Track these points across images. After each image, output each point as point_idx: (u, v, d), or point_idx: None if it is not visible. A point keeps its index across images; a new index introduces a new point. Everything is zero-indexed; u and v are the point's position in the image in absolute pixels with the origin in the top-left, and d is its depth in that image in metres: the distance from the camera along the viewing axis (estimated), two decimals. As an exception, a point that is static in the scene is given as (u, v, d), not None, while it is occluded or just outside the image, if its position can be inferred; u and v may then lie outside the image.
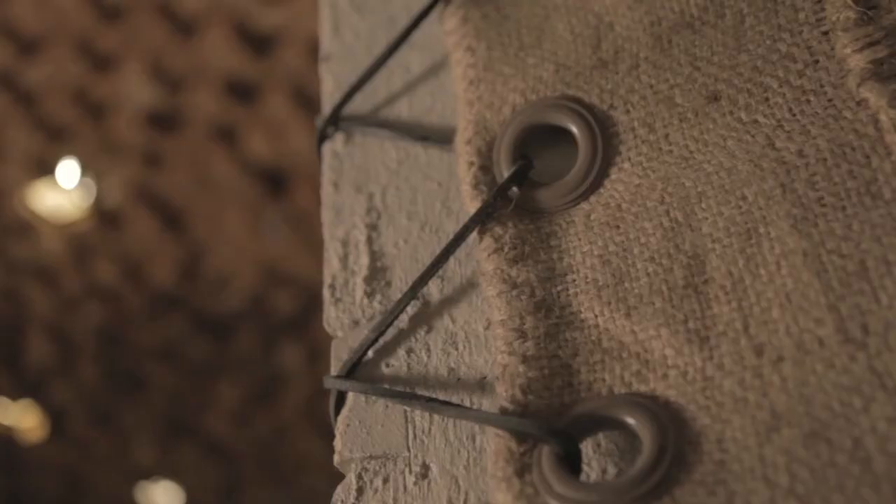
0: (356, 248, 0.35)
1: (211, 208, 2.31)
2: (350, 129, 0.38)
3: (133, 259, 2.43)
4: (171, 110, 2.06)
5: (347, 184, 0.37)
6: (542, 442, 0.27)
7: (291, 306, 2.69)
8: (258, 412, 3.30)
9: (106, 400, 3.03)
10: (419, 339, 0.32)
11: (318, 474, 3.69)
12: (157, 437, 3.30)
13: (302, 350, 2.88)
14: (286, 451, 3.55)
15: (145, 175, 2.20)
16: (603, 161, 0.32)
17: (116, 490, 3.75)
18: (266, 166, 2.21)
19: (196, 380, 3.05)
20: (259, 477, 3.76)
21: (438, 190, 0.35)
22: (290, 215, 2.33)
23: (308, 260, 2.50)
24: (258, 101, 2.06)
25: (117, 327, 2.65)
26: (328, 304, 0.34)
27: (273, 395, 3.21)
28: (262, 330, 2.80)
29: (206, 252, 2.44)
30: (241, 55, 1.93)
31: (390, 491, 0.29)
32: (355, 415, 0.31)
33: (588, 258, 0.30)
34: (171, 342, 2.76)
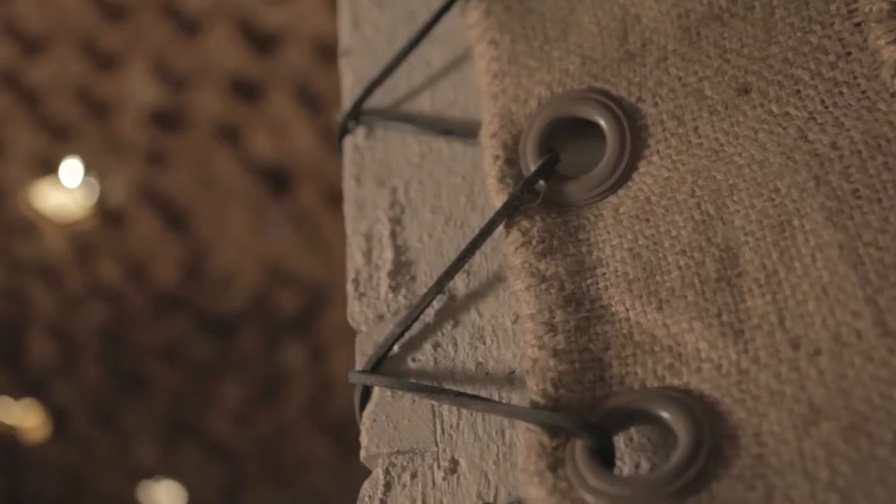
0: (380, 242, 0.35)
1: (214, 207, 2.31)
2: (371, 123, 0.38)
3: (136, 258, 2.43)
4: (175, 109, 2.06)
5: (369, 178, 0.37)
6: (574, 436, 0.26)
7: (294, 306, 2.69)
8: (261, 412, 3.29)
9: (108, 399, 3.03)
10: (446, 334, 0.32)
11: (320, 474, 3.69)
12: (160, 437, 3.30)
13: (305, 349, 2.88)
14: (288, 451, 3.55)
15: (149, 174, 2.20)
16: (631, 154, 0.32)
17: (118, 489, 3.74)
18: (270, 165, 2.20)
19: (198, 379, 3.04)
20: (261, 476, 3.76)
21: (463, 184, 0.35)
22: (294, 214, 2.33)
23: (312, 259, 2.50)
24: (262, 100, 2.05)
25: (120, 326, 2.65)
26: (352, 298, 0.34)
27: (276, 395, 3.21)
28: (265, 329, 2.80)
29: (210, 251, 2.44)
30: (244, 54, 1.93)
31: (419, 486, 0.29)
32: (381, 410, 0.31)
33: (618, 251, 0.30)
34: (174, 342, 2.76)
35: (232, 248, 2.46)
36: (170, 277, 2.51)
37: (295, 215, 2.35)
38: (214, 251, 2.46)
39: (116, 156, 2.12)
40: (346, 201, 0.37)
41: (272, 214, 2.35)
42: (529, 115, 0.33)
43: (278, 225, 2.35)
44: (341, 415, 3.33)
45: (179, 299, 2.65)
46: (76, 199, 2.23)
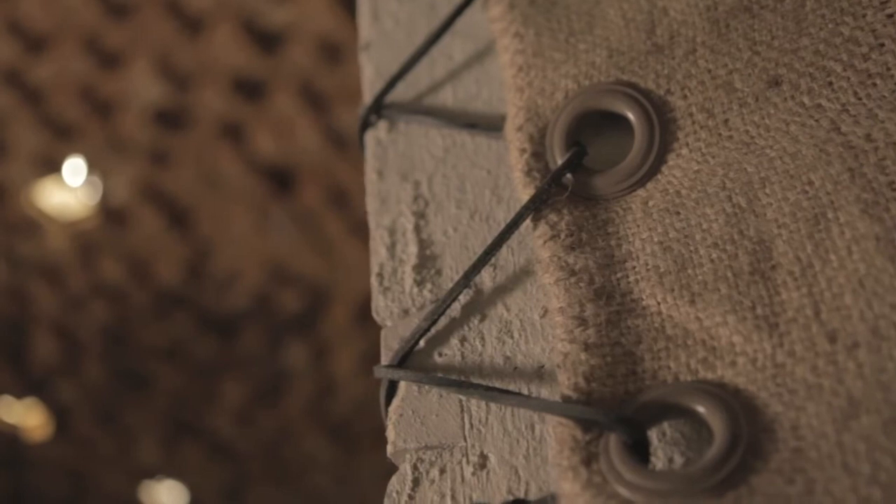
0: (404, 236, 0.34)
1: (217, 207, 2.31)
2: (393, 117, 0.38)
3: (139, 257, 2.42)
4: (178, 108, 2.06)
5: (392, 172, 0.36)
6: (608, 430, 0.26)
7: (297, 305, 2.69)
8: (262, 411, 3.29)
9: (111, 399, 3.03)
10: (473, 328, 0.32)
11: (321, 473, 3.69)
12: (162, 436, 3.30)
13: (307, 349, 2.87)
14: (290, 451, 3.55)
15: (152, 173, 2.20)
16: (660, 147, 0.31)
17: (121, 489, 3.74)
18: (273, 164, 2.20)
19: (201, 379, 3.04)
20: (264, 476, 3.76)
21: (487, 177, 0.35)
22: (297, 214, 2.32)
23: (314, 259, 2.49)
24: (265, 99, 2.05)
25: (123, 326, 2.65)
26: (376, 292, 0.34)
27: (278, 395, 3.21)
28: (268, 329, 2.79)
29: (212, 250, 2.43)
30: (248, 53, 1.92)
31: (448, 481, 0.29)
32: (408, 405, 0.31)
33: (648, 245, 0.30)
34: (177, 341, 2.76)
35: (235, 247, 2.46)
36: (172, 277, 2.51)
37: (298, 215, 2.35)
38: (217, 250, 2.45)
39: (120, 154, 2.12)
40: (368, 195, 0.37)
41: (275, 214, 2.34)
42: (556, 107, 0.33)
43: (281, 224, 2.35)
44: (343, 415, 3.33)
45: (182, 298, 2.65)
46: (79, 197, 2.23)
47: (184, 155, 2.18)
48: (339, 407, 3.23)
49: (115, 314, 2.60)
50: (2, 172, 2.16)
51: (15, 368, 2.82)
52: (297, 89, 2.05)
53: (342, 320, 2.76)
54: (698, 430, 0.27)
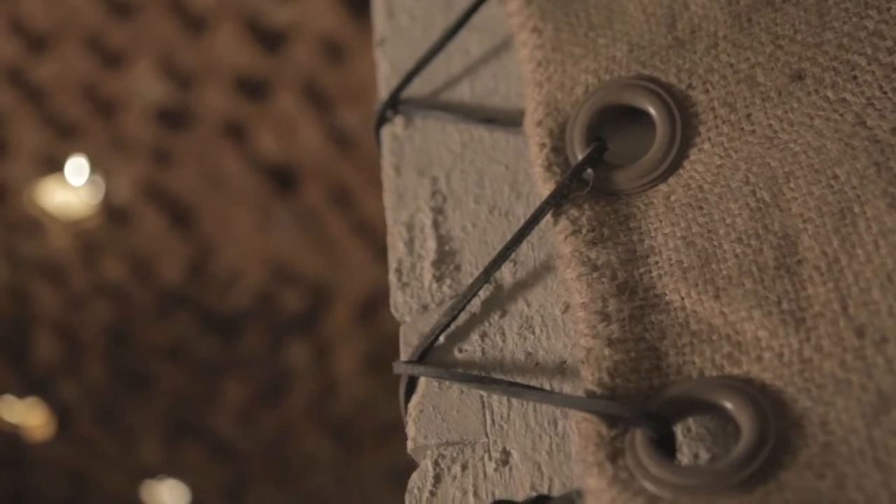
0: (422, 231, 0.34)
1: (220, 206, 2.31)
2: (409, 112, 0.38)
3: (141, 257, 2.42)
4: (181, 107, 2.05)
5: (409, 167, 0.36)
6: (634, 425, 0.26)
7: (299, 305, 2.68)
8: (264, 411, 3.29)
9: (112, 398, 3.02)
10: (493, 324, 0.31)
11: (323, 474, 3.68)
12: (163, 436, 3.30)
13: (309, 349, 2.87)
14: (291, 450, 3.55)
15: (154, 172, 2.20)
16: (682, 142, 0.31)
17: (122, 488, 3.74)
18: (276, 164, 2.20)
19: (202, 378, 3.04)
20: (264, 476, 3.75)
21: (506, 173, 0.35)
22: (299, 213, 2.32)
23: (317, 258, 2.49)
24: (268, 99, 2.05)
25: (124, 325, 2.65)
26: (395, 288, 0.34)
27: (279, 394, 3.21)
28: (269, 328, 2.79)
29: (215, 250, 2.43)
30: (251, 52, 1.92)
31: (470, 478, 0.29)
32: (428, 400, 0.31)
33: (670, 240, 0.30)
34: (178, 340, 2.75)
35: (237, 246, 2.45)
36: (174, 276, 2.51)
37: (300, 214, 2.35)
38: (219, 250, 2.45)
39: (122, 154, 2.12)
40: (385, 191, 0.37)
41: (277, 213, 2.34)
42: (576, 102, 0.33)
43: (283, 224, 2.35)
44: (344, 415, 3.33)
45: (184, 298, 2.65)
46: (81, 197, 2.23)
47: (186, 154, 2.18)
48: (340, 407, 3.23)
49: (117, 313, 2.60)
50: (4, 171, 2.15)
51: (16, 368, 2.82)
52: (300, 88, 2.04)
53: (344, 320, 2.76)
54: (724, 426, 0.27)
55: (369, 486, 3.82)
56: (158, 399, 3.07)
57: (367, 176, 2.27)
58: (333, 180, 2.28)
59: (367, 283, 2.64)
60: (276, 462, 3.66)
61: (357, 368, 2.97)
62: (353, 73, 2.02)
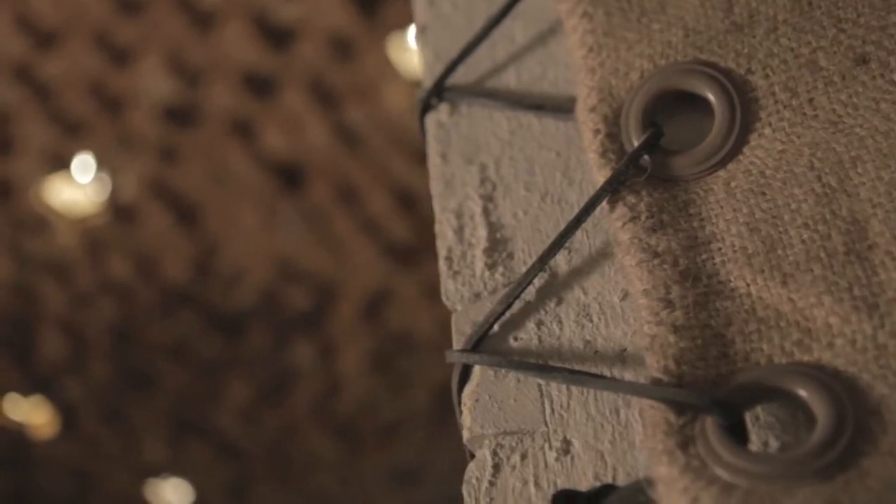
0: (472, 219, 0.34)
1: (225, 204, 2.30)
2: (455, 99, 0.37)
3: (147, 254, 2.42)
4: (188, 104, 2.05)
5: (457, 155, 0.36)
6: (704, 413, 0.26)
7: (304, 303, 2.68)
8: (268, 410, 3.28)
9: (117, 397, 3.02)
10: (549, 312, 0.31)
11: (327, 473, 3.68)
12: (167, 435, 3.29)
13: (314, 347, 2.87)
14: (295, 449, 3.54)
15: (160, 170, 2.19)
16: (741, 127, 0.31)
17: (126, 487, 3.73)
18: (282, 161, 2.19)
19: (206, 377, 3.03)
20: (268, 475, 3.75)
21: (557, 160, 0.34)
22: (306, 211, 2.32)
23: (322, 257, 2.49)
24: (275, 96, 2.04)
25: (129, 323, 2.64)
26: (446, 276, 0.33)
27: (283, 393, 3.20)
28: (274, 327, 2.79)
29: (220, 248, 2.43)
30: (258, 49, 1.92)
31: (530, 467, 0.28)
32: (485, 389, 0.30)
33: (733, 226, 0.29)
34: (183, 339, 2.75)
35: (242, 244, 2.45)
36: (180, 274, 2.50)
37: (306, 212, 2.34)
38: (225, 248, 2.45)
39: (129, 151, 2.11)
40: (432, 178, 0.36)
41: (283, 211, 2.34)
42: (630, 88, 0.33)
43: (289, 221, 2.34)
44: (348, 414, 3.32)
45: (189, 296, 2.64)
46: (88, 194, 2.23)
47: (193, 152, 2.17)
48: (344, 406, 3.22)
49: (122, 312, 2.59)
50: (10, 169, 2.15)
51: (21, 366, 2.81)
52: (307, 86, 2.04)
53: (349, 318, 2.76)
54: (794, 414, 0.26)
55: (372, 485, 3.81)
56: (162, 397, 3.06)
57: (374, 174, 2.27)
58: (340, 178, 2.27)
59: (372, 282, 2.63)
60: (279, 461, 3.66)
61: (361, 367, 2.96)
62: (360, 71, 2.01)
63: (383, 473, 3.66)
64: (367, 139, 2.16)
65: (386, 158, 2.24)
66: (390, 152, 2.23)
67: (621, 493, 0.26)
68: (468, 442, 0.30)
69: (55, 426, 3.09)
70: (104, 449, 3.30)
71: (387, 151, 2.23)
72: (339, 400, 3.18)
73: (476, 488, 0.28)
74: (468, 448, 0.30)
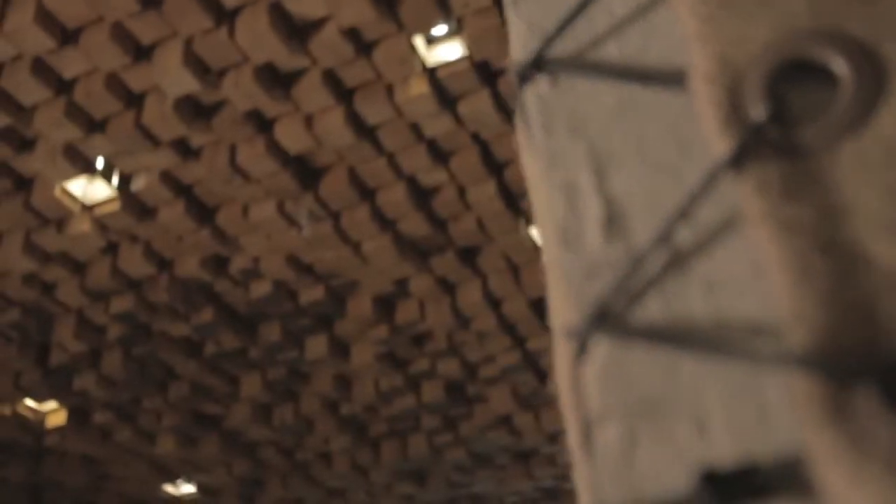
0: (584, 193, 0.33)
1: (243, 198, 2.30)
2: (555, 72, 0.36)
3: (163, 249, 2.41)
4: (207, 99, 2.04)
5: (561, 128, 0.35)
6: (860, 382, 0.25)
7: (319, 298, 2.67)
8: (282, 404, 3.28)
9: (132, 391, 3.02)
10: (674, 286, 0.30)
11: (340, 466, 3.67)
12: (182, 428, 3.29)
13: (328, 342, 2.86)
14: (308, 443, 3.54)
15: (178, 164, 2.19)
16: (870, 96, 0.30)
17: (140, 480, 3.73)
18: (299, 155, 2.19)
19: (221, 371, 3.03)
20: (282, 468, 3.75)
21: (670, 132, 0.33)
22: (323, 206, 2.31)
23: (338, 252, 2.48)
24: (294, 90, 2.04)
25: (145, 318, 2.64)
26: (559, 252, 0.32)
27: (297, 388, 3.20)
28: (289, 321, 2.78)
29: (236, 242, 2.42)
30: (278, 43, 1.91)
31: (666, 446, 0.28)
32: (612, 365, 0.30)
33: (868, 195, 0.28)
34: (198, 333, 2.75)
35: (258, 239, 2.44)
36: (196, 269, 2.50)
37: (323, 206, 2.34)
38: (241, 242, 2.44)
39: (147, 146, 2.10)
40: (534, 152, 0.35)
41: (301, 205, 2.33)
42: (751, 58, 0.32)
43: (306, 216, 2.33)
44: (362, 408, 3.31)
45: (205, 291, 2.64)
46: (105, 189, 2.22)
47: (211, 146, 2.17)
48: (357, 400, 3.22)
49: (138, 306, 2.59)
50: (29, 163, 2.14)
51: (38, 359, 2.81)
52: (326, 79, 2.03)
53: (363, 314, 2.75)
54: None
55: (384, 478, 3.81)
56: (177, 391, 3.06)
57: (392, 169, 2.26)
58: (357, 173, 2.27)
59: (387, 277, 2.63)
60: (293, 454, 3.65)
61: (374, 362, 2.96)
62: (379, 65, 2.00)
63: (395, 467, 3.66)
64: (384, 134, 2.15)
65: (403, 153, 2.24)
66: (408, 147, 2.22)
67: (770, 471, 0.26)
68: (596, 420, 0.29)
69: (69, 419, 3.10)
70: (119, 442, 3.30)
71: (404, 146, 2.22)
72: (353, 394, 3.17)
73: (610, 467, 0.28)
74: (589, 427, 0.30)
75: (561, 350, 0.32)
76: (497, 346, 2.94)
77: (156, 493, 3.87)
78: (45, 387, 2.88)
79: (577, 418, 0.31)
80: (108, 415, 3.18)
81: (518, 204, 2.44)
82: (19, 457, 3.46)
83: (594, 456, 0.28)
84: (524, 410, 3.38)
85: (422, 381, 3.21)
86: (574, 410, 0.31)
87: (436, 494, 4.05)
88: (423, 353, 3.02)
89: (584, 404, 0.30)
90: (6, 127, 2.02)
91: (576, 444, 0.31)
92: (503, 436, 3.53)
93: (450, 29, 2.00)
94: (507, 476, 3.99)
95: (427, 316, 2.76)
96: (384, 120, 2.11)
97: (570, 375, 0.31)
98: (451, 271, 2.63)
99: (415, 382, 3.21)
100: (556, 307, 0.34)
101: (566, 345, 0.32)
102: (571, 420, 0.32)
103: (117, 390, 2.98)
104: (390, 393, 3.19)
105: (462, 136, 2.19)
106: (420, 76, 2.01)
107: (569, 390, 0.32)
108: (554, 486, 4.23)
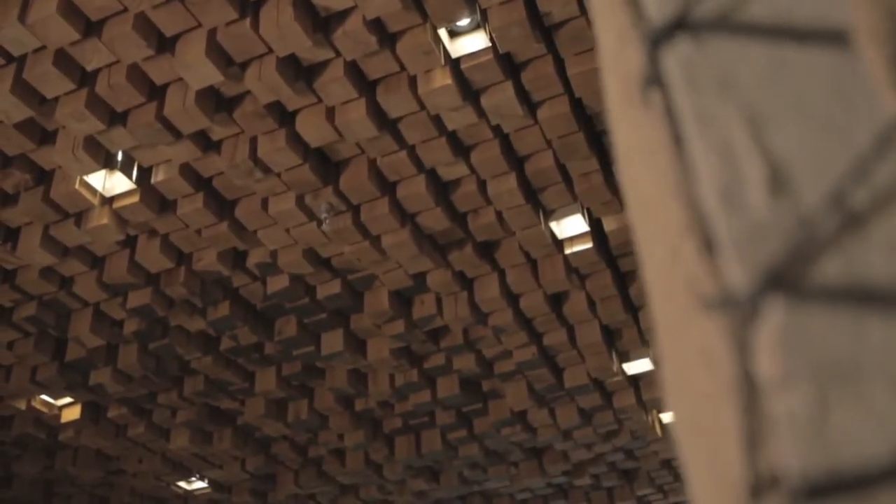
0: (743, 154, 0.32)
1: (263, 191, 2.28)
2: (699, 32, 0.35)
3: (181, 242, 2.40)
4: (228, 91, 2.03)
5: (710, 88, 0.34)
6: None
7: (336, 293, 2.66)
8: (297, 400, 3.27)
9: (147, 385, 3.00)
10: (852, 246, 0.29)
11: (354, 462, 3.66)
12: (196, 424, 3.28)
13: (343, 337, 2.85)
14: (323, 439, 3.53)
15: (198, 157, 2.17)
16: None
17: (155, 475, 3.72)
18: (320, 148, 2.17)
19: (236, 366, 3.02)
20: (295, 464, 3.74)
21: (832, 91, 0.32)
22: (343, 198, 2.30)
23: (357, 245, 2.46)
24: (316, 81, 2.02)
25: (161, 312, 2.62)
26: (720, 215, 0.31)
27: (312, 383, 3.18)
28: (305, 316, 2.77)
29: (254, 236, 2.41)
30: (301, 34, 1.89)
31: (860, 409, 0.26)
32: (792, 327, 0.28)
33: None
34: (215, 327, 2.73)
35: (277, 232, 2.43)
36: (214, 263, 2.48)
37: (344, 199, 2.32)
38: (259, 236, 2.43)
39: (168, 138, 2.09)
40: (684, 112, 0.34)
41: (321, 199, 2.32)
42: (924, 11, 0.31)
43: (326, 210, 2.32)
44: (377, 402, 3.30)
45: (222, 285, 2.63)
46: (125, 182, 2.21)
47: (232, 138, 2.15)
48: (372, 395, 3.21)
49: (155, 300, 2.57)
50: (50, 156, 2.13)
51: (54, 353, 2.80)
52: (349, 71, 2.02)
53: (379, 308, 2.74)
54: None
55: (398, 474, 3.80)
56: (193, 386, 3.05)
57: (413, 161, 2.24)
58: (377, 165, 2.25)
59: (406, 270, 2.61)
60: (306, 450, 3.64)
61: (391, 357, 2.95)
62: (402, 57, 1.99)
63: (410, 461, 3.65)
64: (406, 125, 2.14)
65: (424, 146, 2.22)
66: (429, 140, 2.21)
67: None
68: (782, 380, 0.28)
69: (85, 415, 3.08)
70: (134, 436, 3.29)
71: (425, 139, 2.21)
72: (369, 389, 3.16)
73: (807, 431, 0.26)
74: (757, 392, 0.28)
75: (711, 318, 0.31)
76: (513, 341, 2.92)
77: (168, 489, 3.86)
78: (61, 382, 2.87)
79: (734, 386, 0.30)
80: (123, 410, 3.17)
81: (538, 197, 2.42)
82: (33, 452, 3.45)
83: (791, 421, 0.27)
84: (539, 406, 3.37)
85: (437, 376, 3.20)
86: (732, 378, 0.30)
87: (448, 491, 4.04)
88: (439, 349, 3.01)
89: (751, 370, 0.29)
90: (27, 119, 2.01)
91: (728, 409, 0.30)
92: (517, 432, 3.52)
93: (473, 21, 1.99)
94: (520, 472, 3.98)
95: (444, 311, 2.75)
96: (406, 112, 2.09)
97: (729, 341, 0.30)
98: (469, 266, 2.61)
99: (430, 378, 3.20)
100: (694, 273, 0.33)
101: (725, 311, 0.30)
102: (719, 387, 0.30)
103: (133, 385, 2.96)
104: (405, 388, 3.18)
105: (483, 129, 2.17)
106: (443, 68, 2.00)
107: (725, 358, 0.31)
108: (565, 482, 4.22)
